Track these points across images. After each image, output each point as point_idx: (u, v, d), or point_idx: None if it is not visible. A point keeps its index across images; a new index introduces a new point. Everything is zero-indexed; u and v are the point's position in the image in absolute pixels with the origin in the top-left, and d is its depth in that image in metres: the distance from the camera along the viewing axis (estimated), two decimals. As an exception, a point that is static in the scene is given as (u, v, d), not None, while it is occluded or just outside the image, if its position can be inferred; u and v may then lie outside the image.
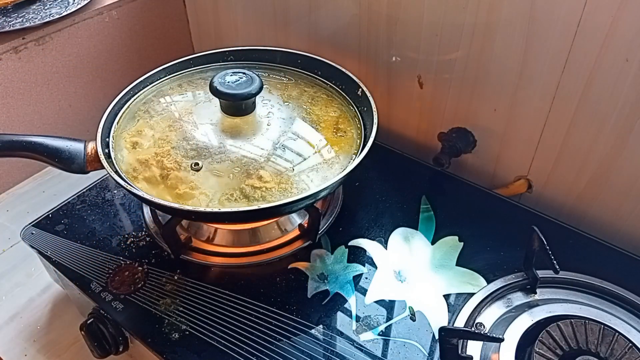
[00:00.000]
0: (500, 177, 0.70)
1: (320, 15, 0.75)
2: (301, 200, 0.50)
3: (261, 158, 0.55)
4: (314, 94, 0.64)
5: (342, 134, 0.59)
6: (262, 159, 0.55)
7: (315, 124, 0.60)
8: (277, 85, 0.65)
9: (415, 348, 0.49)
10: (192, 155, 0.55)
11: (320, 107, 0.62)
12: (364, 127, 0.60)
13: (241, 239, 0.59)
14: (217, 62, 0.68)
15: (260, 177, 0.53)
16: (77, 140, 0.55)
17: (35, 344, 0.62)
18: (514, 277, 0.54)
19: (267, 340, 0.50)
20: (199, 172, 0.54)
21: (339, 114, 0.62)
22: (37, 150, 0.53)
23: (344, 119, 0.61)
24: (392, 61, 0.71)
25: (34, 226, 0.62)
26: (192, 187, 0.53)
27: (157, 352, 0.49)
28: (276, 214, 0.56)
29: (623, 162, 0.58)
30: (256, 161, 0.55)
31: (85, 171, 0.54)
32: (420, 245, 0.59)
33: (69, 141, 0.54)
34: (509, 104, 0.63)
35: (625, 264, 0.56)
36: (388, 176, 0.68)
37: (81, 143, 0.55)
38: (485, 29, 0.60)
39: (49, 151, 0.53)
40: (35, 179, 0.83)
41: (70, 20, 0.78)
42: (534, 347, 0.45)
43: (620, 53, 0.52)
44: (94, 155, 0.54)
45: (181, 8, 0.94)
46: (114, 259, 0.58)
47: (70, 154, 0.54)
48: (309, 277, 0.55)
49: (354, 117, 0.61)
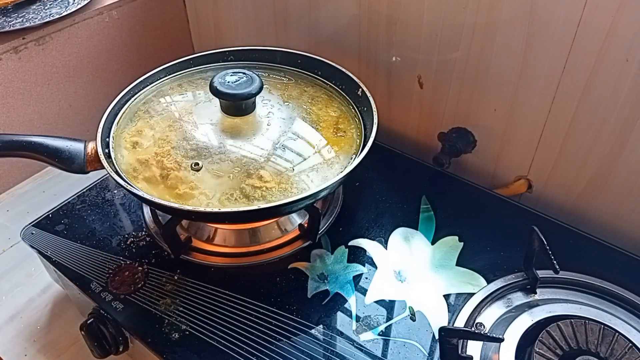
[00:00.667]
0: (500, 177, 0.70)
1: (320, 15, 0.75)
2: (301, 200, 0.50)
3: (261, 158, 0.55)
4: (314, 94, 0.64)
5: (342, 134, 0.59)
6: (262, 159, 0.55)
7: (315, 124, 0.60)
8: (277, 85, 0.65)
9: (415, 348, 0.49)
10: (192, 155, 0.55)
11: (320, 107, 0.62)
12: (364, 127, 0.60)
13: (241, 239, 0.59)
14: (217, 62, 0.68)
15: (261, 177, 0.53)
16: (77, 140, 0.55)
17: (35, 344, 0.62)
18: (514, 277, 0.54)
19: (267, 340, 0.50)
20: (199, 172, 0.54)
21: (339, 114, 0.62)
22: (37, 150, 0.53)
23: (344, 119, 0.61)
24: (392, 61, 0.71)
25: (34, 226, 0.62)
26: (192, 187, 0.53)
27: (157, 352, 0.49)
28: (276, 214, 0.56)
29: (623, 162, 0.58)
30: (256, 161, 0.55)
31: (85, 171, 0.54)
32: (420, 245, 0.59)
33: (69, 141, 0.54)
34: (509, 104, 0.63)
35: (625, 264, 0.56)
36: (388, 176, 0.68)
37: (81, 143, 0.55)
38: (485, 29, 0.60)
39: (49, 151, 0.53)
40: (35, 179, 0.83)
41: (70, 20, 0.78)
42: (534, 347, 0.45)
43: (620, 53, 0.52)
44: (94, 155, 0.54)
45: (181, 8, 0.94)
46: (114, 259, 0.58)
47: (71, 154, 0.54)
48: (309, 277, 0.55)
49: (354, 117, 0.61)
